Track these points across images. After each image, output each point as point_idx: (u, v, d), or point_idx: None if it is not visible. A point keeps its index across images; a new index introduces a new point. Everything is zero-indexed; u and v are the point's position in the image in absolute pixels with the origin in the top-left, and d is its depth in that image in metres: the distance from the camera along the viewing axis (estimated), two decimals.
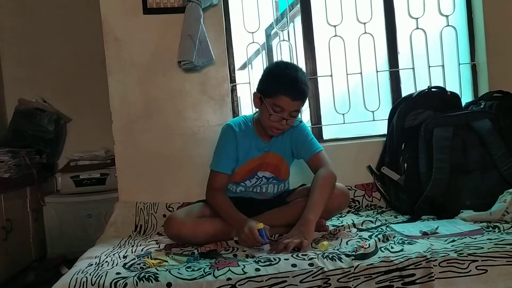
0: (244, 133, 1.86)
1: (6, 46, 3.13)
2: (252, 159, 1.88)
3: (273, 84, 1.76)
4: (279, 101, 1.73)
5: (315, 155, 1.84)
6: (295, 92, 1.74)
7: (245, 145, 1.85)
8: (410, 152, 2.12)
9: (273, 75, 1.80)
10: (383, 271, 1.35)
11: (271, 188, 1.94)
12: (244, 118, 1.94)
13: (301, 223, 1.62)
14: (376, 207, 2.27)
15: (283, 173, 1.94)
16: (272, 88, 1.75)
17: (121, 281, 1.33)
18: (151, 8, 2.26)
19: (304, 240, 1.53)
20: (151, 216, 2.16)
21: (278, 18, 2.61)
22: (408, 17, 2.53)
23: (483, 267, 1.36)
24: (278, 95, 1.73)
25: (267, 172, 1.91)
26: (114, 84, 2.26)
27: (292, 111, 1.76)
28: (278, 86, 1.74)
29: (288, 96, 1.72)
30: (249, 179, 1.91)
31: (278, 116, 1.75)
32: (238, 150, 1.85)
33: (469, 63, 2.57)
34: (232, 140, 1.84)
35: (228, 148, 1.84)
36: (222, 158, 1.85)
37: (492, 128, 2.02)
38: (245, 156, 1.87)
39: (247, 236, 1.57)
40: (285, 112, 1.75)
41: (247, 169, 1.89)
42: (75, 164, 2.97)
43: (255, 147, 1.88)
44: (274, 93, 1.74)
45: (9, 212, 2.48)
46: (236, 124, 1.87)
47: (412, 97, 2.22)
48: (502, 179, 1.96)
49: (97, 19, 2.27)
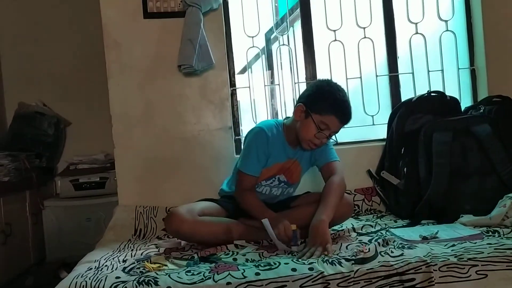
0: (275, 138, 1.88)
1: (6, 49, 3.13)
2: (276, 163, 1.90)
3: (326, 103, 1.78)
4: (328, 120, 1.77)
5: (330, 163, 1.88)
6: (346, 117, 1.80)
7: (274, 150, 1.88)
8: (409, 156, 2.12)
9: (326, 94, 1.80)
10: (383, 276, 1.35)
11: (275, 190, 1.96)
12: (276, 122, 1.95)
13: (316, 225, 1.62)
14: (376, 211, 2.27)
15: (295, 177, 1.97)
16: (324, 106, 1.77)
17: (120, 285, 1.32)
18: (151, 12, 2.27)
19: (327, 245, 1.54)
20: (151, 220, 2.16)
21: (278, 22, 2.61)
22: (408, 22, 2.54)
23: (483, 272, 1.36)
24: (329, 114, 1.76)
25: (282, 176, 1.94)
26: (114, 88, 2.27)
27: (334, 132, 1.81)
28: (331, 106, 1.77)
29: (338, 118, 1.77)
30: (266, 180, 1.93)
31: (323, 134, 1.78)
32: (267, 154, 1.87)
33: (468, 68, 2.58)
34: (264, 144, 1.86)
35: (260, 152, 1.86)
36: (253, 161, 1.86)
37: (492, 133, 2.02)
38: (271, 160, 1.89)
39: (281, 233, 1.62)
40: (329, 131, 1.79)
41: (270, 173, 1.91)
42: (75, 168, 2.96)
43: (283, 153, 1.90)
44: (325, 112, 1.77)
45: (8, 215, 2.47)
46: (269, 129, 1.88)
47: (411, 102, 2.23)
48: (501, 183, 1.96)
49: (98, 23, 2.28)
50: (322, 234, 1.59)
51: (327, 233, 1.61)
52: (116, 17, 2.26)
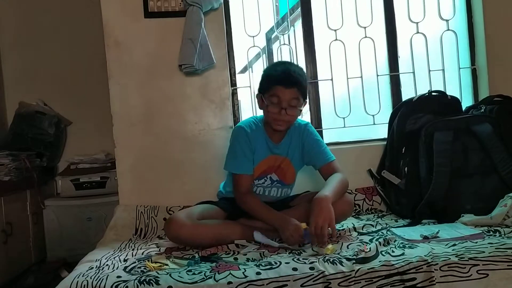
0: (255, 133, 1.91)
1: (7, 49, 3.13)
2: (262, 160, 1.92)
3: (266, 79, 1.88)
4: (275, 91, 1.81)
5: (328, 164, 1.90)
6: (287, 80, 1.81)
7: (257, 144, 1.90)
8: (410, 156, 2.12)
9: (267, 72, 1.91)
10: (384, 275, 1.35)
11: (274, 192, 1.96)
12: (254, 119, 1.98)
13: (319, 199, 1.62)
14: (377, 211, 2.26)
15: (289, 177, 1.97)
16: (267, 82, 1.86)
17: (122, 285, 1.33)
18: (152, 12, 2.26)
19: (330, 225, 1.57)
20: (152, 219, 2.16)
21: (278, 22, 2.61)
22: (409, 21, 2.54)
23: (484, 271, 1.36)
24: (272, 86, 1.82)
25: (274, 174, 1.94)
26: (115, 87, 2.27)
27: (289, 100, 1.81)
28: (271, 78, 1.84)
29: (281, 85, 1.80)
30: (258, 179, 1.94)
31: (276, 106, 1.81)
32: (252, 150, 1.89)
33: (469, 67, 2.58)
34: (246, 140, 1.88)
35: (244, 148, 1.88)
36: (241, 160, 1.88)
37: (493, 132, 2.02)
38: (257, 156, 1.91)
39: (292, 234, 1.63)
40: (283, 102, 1.80)
41: (260, 170, 1.92)
42: (75, 167, 2.96)
43: (266, 147, 1.92)
44: (269, 86, 1.83)
45: (9, 215, 2.47)
46: (247, 126, 1.92)
47: (412, 101, 2.22)
48: (502, 183, 1.96)
49: (98, 22, 2.27)
50: (326, 210, 1.59)
51: (331, 210, 1.60)
52: (117, 16, 2.26)
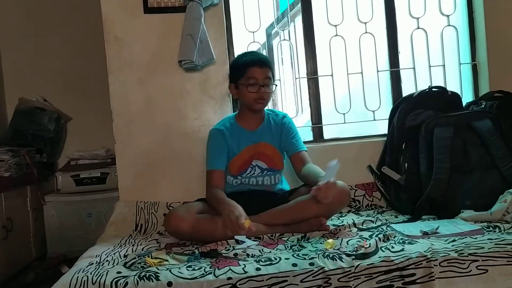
0: (230, 129, 2.02)
1: (6, 45, 3.12)
2: (245, 149, 2.01)
3: (240, 65, 2.00)
4: (250, 73, 1.95)
5: (300, 152, 2.00)
6: (260, 60, 1.98)
7: (234, 139, 2.01)
8: (410, 152, 2.12)
9: (236, 61, 2.07)
10: (384, 271, 1.36)
11: (267, 180, 2.03)
12: (227, 118, 2.10)
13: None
14: (377, 206, 2.27)
15: (277, 162, 2.04)
16: (242, 68, 1.98)
17: (122, 280, 1.33)
18: (151, 7, 2.25)
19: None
20: (152, 215, 2.16)
21: (278, 17, 2.61)
22: (409, 16, 2.53)
23: (484, 267, 1.36)
24: (248, 69, 1.96)
25: (260, 161, 2.00)
26: (115, 83, 2.26)
27: (264, 79, 1.95)
28: (244, 63, 1.98)
29: (255, 66, 1.95)
30: (245, 171, 2.00)
31: (254, 87, 1.94)
32: (229, 145, 2.00)
33: (470, 63, 2.57)
34: (220, 139, 2.00)
35: (218, 147, 1.99)
36: (213, 157, 1.99)
37: (493, 128, 2.02)
38: (238, 147, 2.01)
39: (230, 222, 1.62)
40: (259, 80, 1.95)
41: (242, 160, 2.01)
42: (76, 163, 2.96)
43: (245, 138, 2.02)
44: (243, 71, 1.97)
45: (10, 211, 2.48)
46: (220, 125, 2.05)
47: (412, 97, 2.22)
48: (502, 179, 1.96)
49: (98, 18, 2.26)
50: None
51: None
52: (117, 12, 2.25)
